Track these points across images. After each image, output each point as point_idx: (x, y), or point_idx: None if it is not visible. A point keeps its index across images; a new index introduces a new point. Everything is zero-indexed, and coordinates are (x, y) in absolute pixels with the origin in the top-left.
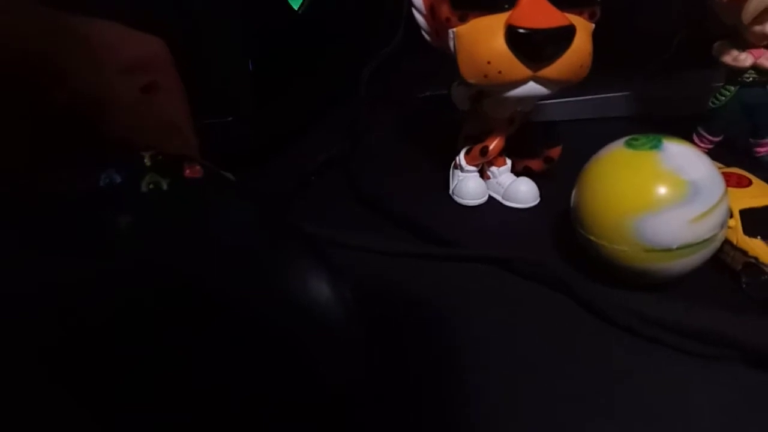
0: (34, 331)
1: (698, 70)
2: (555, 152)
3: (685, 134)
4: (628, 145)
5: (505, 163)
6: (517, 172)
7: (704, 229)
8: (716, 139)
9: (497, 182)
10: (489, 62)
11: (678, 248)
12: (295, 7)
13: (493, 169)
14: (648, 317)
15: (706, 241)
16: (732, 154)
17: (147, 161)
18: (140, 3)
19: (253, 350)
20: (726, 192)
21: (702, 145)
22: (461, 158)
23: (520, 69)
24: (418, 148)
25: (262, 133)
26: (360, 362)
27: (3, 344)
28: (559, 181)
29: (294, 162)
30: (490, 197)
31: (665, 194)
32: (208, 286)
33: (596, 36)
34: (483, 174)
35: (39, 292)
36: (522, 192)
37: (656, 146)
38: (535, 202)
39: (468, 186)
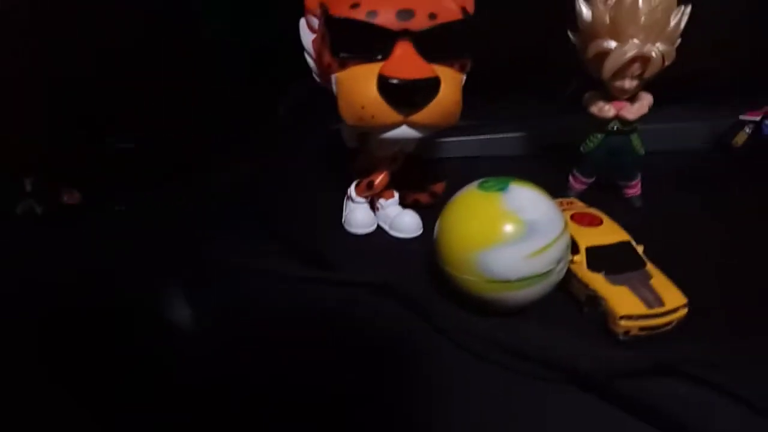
0: None
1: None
2: (439, 188)
3: (565, 174)
4: (480, 186)
5: (392, 196)
6: (406, 204)
7: (541, 264)
8: (589, 180)
9: (385, 213)
10: (363, 107)
11: (517, 280)
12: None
13: (381, 201)
14: (489, 339)
15: (543, 275)
16: (604, 195)
17: (27, 186)
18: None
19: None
20: (564, 232)
21: (576, 185)
22: (352, 190)
23: (390, 114)
24: (323, 177)
25: (169, 157)
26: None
27: None
28: None
29: (202, 184)
30: (379, 227)
31: (504, 231)
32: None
33: (496, 79)
34: (373, 205)
35: None
36: (406, 223)
37: (503, 188)
38: (419, 233)
39: (357, 216)
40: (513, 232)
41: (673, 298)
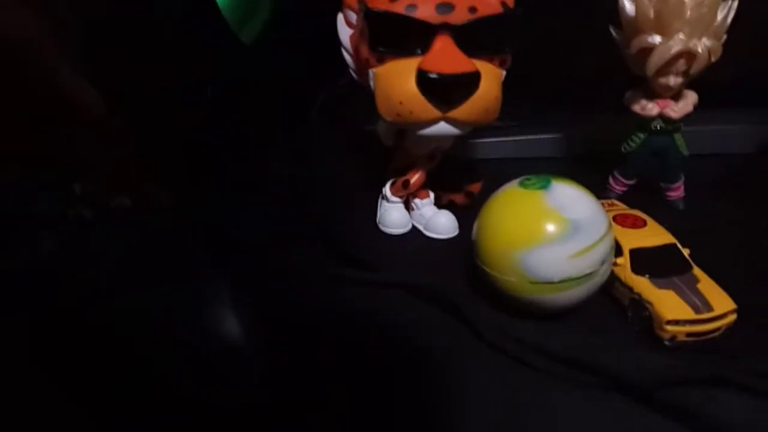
0: None
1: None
2: (476, 188)
3: (605, 176)
4: (521, 184)
5: (428, 196)
6: (442, 204)
7: (584, 264)
8: (630, 182)
9: (420, 213)
10: (401, 102)
11: (560, 281)
12: (248, 41)
13: (417, 201)
14: (530, 343)
15: (586, 276)
16: (646, 197)
17: (77, 189)
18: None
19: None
20: (608, 231)
21: (617, 187)
22: (387, 190)
23: (429, 110)
24: (357, 177)
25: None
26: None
27: None
28: None
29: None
30: (414, 227)
31: (547, 230)
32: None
33: (534, 78)
34: (408, 205)
35: None
36: (441, 224)
37: (544, 186)
38: (454, 234)
39: (392, 216)
40: (556, 231)
41: (721, 303)
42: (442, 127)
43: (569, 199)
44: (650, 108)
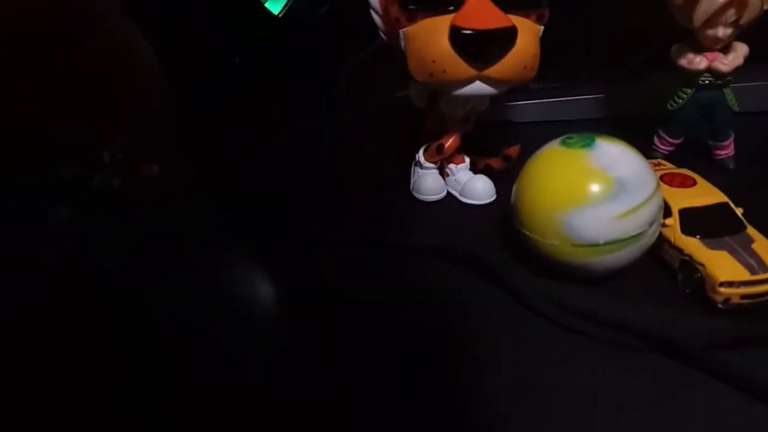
0: None
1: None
2: (513, 151)
3: (649, 136)
4: (563, 143)
5: (463, 161)
6: (478, 169)
7: (631, 225)
8: (676, 141)
9: (455, 179)
10: (434, 61)
11: (605, 243)
12: (275, 12)
13: (451, 166)
14: (573, 307)
15: (633, 238)
16: (694, 157)
17: (105, 157)
18: None
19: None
20: (657, 190)
21: (662, 147)
22: (420, 155)
23: (463, 68)
24: (390, 144)
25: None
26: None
27: None
28: None
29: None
30: (449, 193)
31: (591, 190)
32: (128, 287)
33: (569, 38)
34: (442, 171)
35: None
36: (478, 189)
37: (588, 145)
38: (491, 199)
39: (426, 182)
40: (601, 191)
41: None
42: (478, 87)
43: (614, 157)
44: (698, 61)
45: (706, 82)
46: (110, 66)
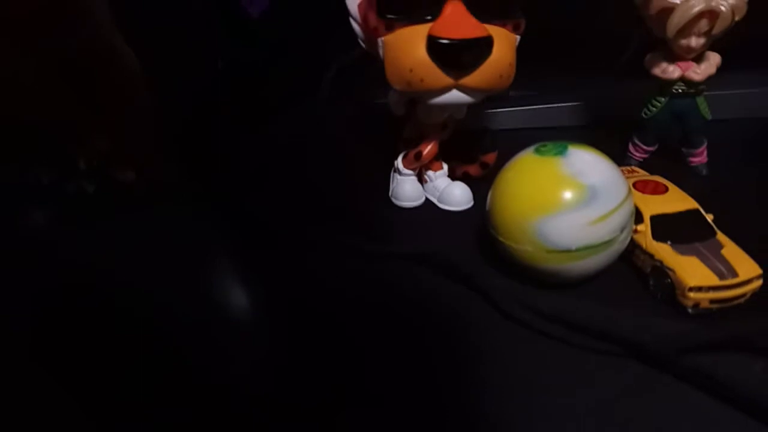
0: None
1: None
2: (490, 158)
3: (625, 143)
4: (537, 151)
5: (441, 168)
6: (456, 176)
7: (603, 231)
8: (650, 149)
9: (433, 186)
10: (411, 70)
11: (577, 249)
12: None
13: (430, 173)
14: (546, 311)
15: (605, 243)
16: (668, 163)
17: (81, 164)
18: None
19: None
20: (628, 197)
21: (637, 154)
22: (399, 162)
23: (440, 77)
24: (369, 151)
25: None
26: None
27: None
28: None
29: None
30: (427, 200)
31: (564, 197)
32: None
33: (545, 46)
34: (421, 178)
35: None
36: (456, 195)
37: (561, 152)
38: (469, 205)
39: (404, 189)
40: (573, 198)
41: (747, 268)
42: (455, 95)
43: (586, 164)
44: (671, 70)
45: (680, 90)
46: (95, 64)
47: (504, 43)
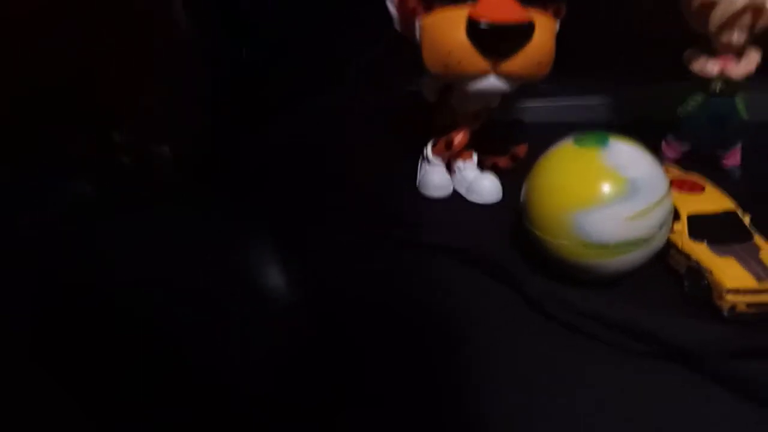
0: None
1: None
2: (521, 150)
3: (656, 143)
4: (576, 141)
5: (471, 158)
6: (485, 168)
7: (642, 227)
8: (684, 148)
9: (462, 176)
10: (449, 53)
11: (615, 245)
12: None
13: (459, 163)
14: (578, 309)
15: (643, 240)
16: (700, 165)
17: (116, 137)
18: None
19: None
20: (668, 193)
21: (670, 153)
22: (428, 150)
23: (479, 62)
24: (398, 139)
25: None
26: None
27: None
28: (525, 179)
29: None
30: (455, 191)
31: (603, 190)
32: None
33: (583, 41)
34: (450, 168)
35: None
36: (485, 187)
37: (602, 143)
38: (498, 198)
39: (432, 178)
40: (613, 191)
41: None
42: (492, 82)
43: (628, 157)
44: (711, 66)
45: (717, 89)
46: (146, 29)
47: (545, 28)
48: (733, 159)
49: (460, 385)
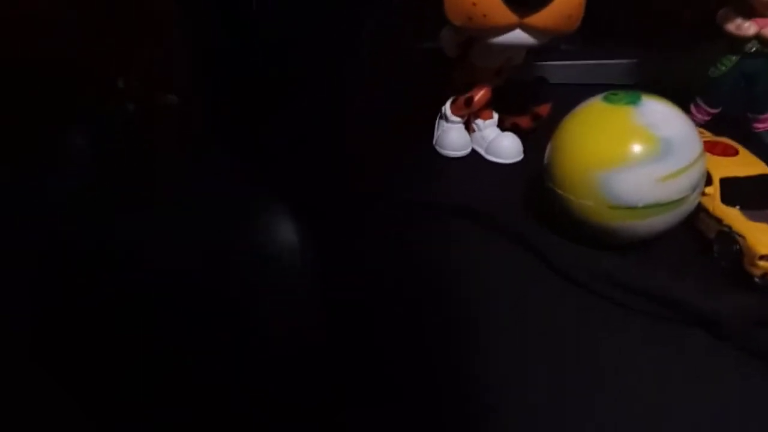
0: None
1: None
2: (544, 110)
3: (684, 107)
4: (606, 99)
5: (491, 117)
6: (505, 128)
7: (673, 189)
8: (714, 111)
9: (481, 135)
10: (474, 4)
11: (644, 207)
12: None
13: (479, 121)
14: (603, 273)
15: (674, 203)
16: (730, 130)
17: (120, 83)
18: None
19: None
20: (702, 155)
21: (699, 116)
22: (447, 108)
23: (505, 14)
24: (414, 97)
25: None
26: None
27: None
28: (547, 139)
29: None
30: (474, 150)
31: (634, 149)
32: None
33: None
34: (468, 127)
35: None
36: (505, 147)
37: (633, 102)
38: (518, 158)
39: (451, 137)
40: (645, 151)
41: None
42: (517, 35)
43: (660, 116)
44: (747, 26)
45: (753, 49)
46: None
47: None
48: (765, 123)
49: (479, 344)
